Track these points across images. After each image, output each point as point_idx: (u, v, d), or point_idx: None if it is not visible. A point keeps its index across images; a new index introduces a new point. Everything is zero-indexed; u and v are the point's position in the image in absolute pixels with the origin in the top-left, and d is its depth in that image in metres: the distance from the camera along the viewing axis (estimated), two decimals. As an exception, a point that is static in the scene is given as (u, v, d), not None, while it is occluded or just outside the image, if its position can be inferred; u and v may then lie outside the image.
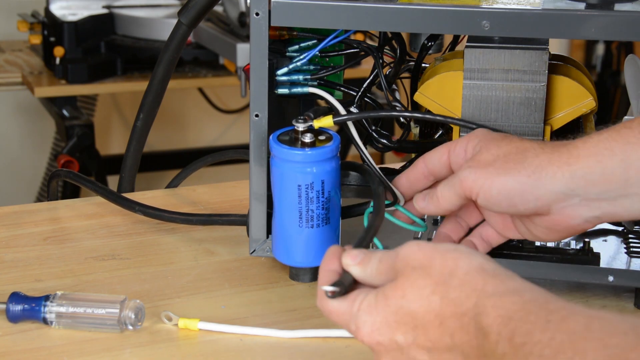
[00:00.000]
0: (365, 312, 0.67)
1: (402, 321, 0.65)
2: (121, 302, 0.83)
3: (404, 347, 0.65)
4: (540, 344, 0.56)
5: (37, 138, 2.83)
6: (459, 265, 0.64)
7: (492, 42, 0.90)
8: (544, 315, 0.58)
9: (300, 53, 0.95)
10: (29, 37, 2.30)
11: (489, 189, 0.79)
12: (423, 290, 0.64)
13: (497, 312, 0.60)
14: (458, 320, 0.62)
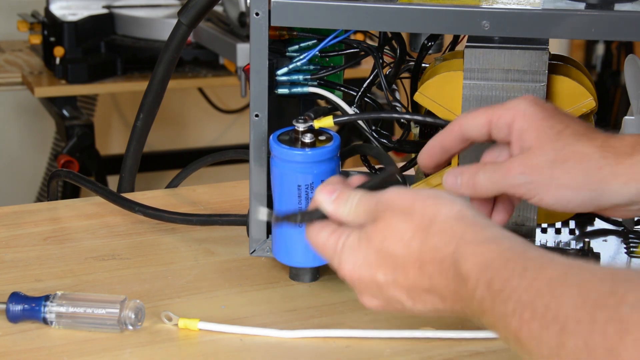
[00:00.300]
0: (348, 250, 0.69)
1: (383, 261, 0.67)
2: (121, 302, 0.83)
3: (384, 286, 0.67)
4: (518, 290, 0.57)
5: (37, 138, 2.83)
6: (440, 211, 0.66)
7: (492, 42, 0.90)
8: (522, 263, 0.59)
9: (300, 53, 0.95)
10: (29, 37, 2.30)
11: (545, 199, 0.76)
12: (404, 234, 0.66)
13: (476, 259, 0.61)
14: (437, 265, 0.64)
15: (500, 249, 0.61)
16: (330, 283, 0.94)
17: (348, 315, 0.88)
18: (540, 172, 0.75)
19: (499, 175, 0.77)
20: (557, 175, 0.75)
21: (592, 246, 0.93)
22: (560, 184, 0.74)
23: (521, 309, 0.56)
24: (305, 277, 0.94)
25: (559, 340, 0.53)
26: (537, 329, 0.55)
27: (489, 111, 0.78)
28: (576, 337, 0.52)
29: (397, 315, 0.88)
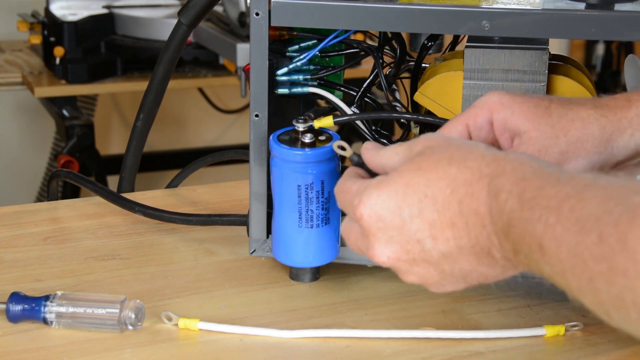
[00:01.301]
0: (374, 187, 0.67)
1: (411, 192, 0.65)
2: (121, 302, 0.83)
3: (406, 223, 0.65)
4: (548, 197, 0.58)
5: (37, 138, 2.83)
6: (478, 144, 0.66)
7: (492, 42, 0.90)
8: (556, 175, 0.59)
9: (300, 53, 0.95)
10: (29, 37, 2.30)
11: None
12: (440, 162, 0.65)
13: (515, 173, 0.61)
14: (472, 186, 0.63)
15: (539, 165, 0.61)
16: (330, 283, 0.94)
17: (348, 315, 0.88)
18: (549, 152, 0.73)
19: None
20: (565, 149, 0.73)
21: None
22: (571, 156, 0.73)
23: (547, 214, 0.57)
24: (305, 277, 0.94)
25: (577, 239, 0.54)
26: (560, 231, 0.56)
27: (462, 117, 0.76)
28: (593, 232, 0.53)
29: (397, 316, 0.88)
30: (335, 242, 0.90)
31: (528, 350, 0.83)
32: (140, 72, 2.27)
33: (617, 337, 0.85)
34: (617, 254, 0.51)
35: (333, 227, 0.89)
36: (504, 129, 0.75)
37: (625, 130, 0.73)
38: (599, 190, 0.56)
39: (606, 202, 0.54)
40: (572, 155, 0.73)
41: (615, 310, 0.52)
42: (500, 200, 0.61)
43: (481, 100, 0.76)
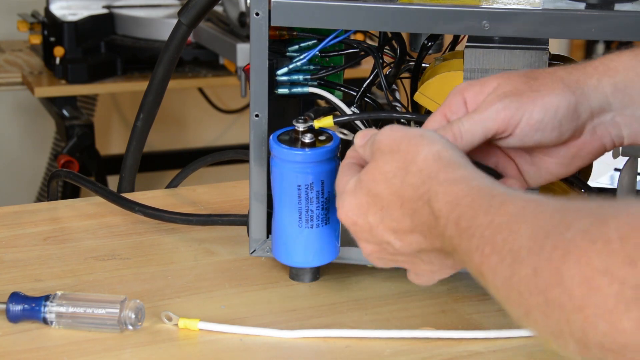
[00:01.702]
0: (348, 194, 0.73)
1: (372, 202, 0.71)
2: (121, 302, 0.83)
3: (374, 228, 0.71)
4: (482, 227, 0.60)
5: (37, 138, 2.83)
6: (420, 151, 0.69)
7: (492, 42, 0.90)
8: (487, 201, 0.61)
9: (300, 53, 0.95)
10: (29, 37, 2.30)
11: (533, 115, 0.73)
12: (387, 173, 0.70)
13: (446, 198, 0.64)
14: (414, 203, 0.67)
15: (468, 187, 0.64)
16: (330, 283, 0.94)
17: (348, 315, 0.88)
18: (520, 91, 0.73)
19: (480, 112, 0.74)
20: (536, 88, 0.73)
21: (592, 246, 0.93)
22: (544, 93, 0.73)
23: (483, 245, 0.59)
24: (305, 277, 0.94)
25: (512, 270, 0.56)
26: (495, 262, 0.58)
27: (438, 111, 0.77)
28: (526, 265, 0.55)
29: (397, 316, 0.88)
30: (335, 242, 0.90)
31: (528, 350, 0.83)
32: (140, 72, 2.27)
33: (617, 337, 0.85)
34: (553, 287, 0.52)
35: (333, 227, 0.89)
36: (476, 100, 0.75)
37: (592, 75, 0.74)
38: (528, 222, 0.57)
39: (537, 236, 0.55)
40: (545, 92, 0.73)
41: (554, 339, 0.54)
42: (441, 225, 0.65)
43: (451, 92, 0.78)
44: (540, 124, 0.73)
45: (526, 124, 0.73)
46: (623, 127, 0.76)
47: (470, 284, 0.94)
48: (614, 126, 0.76)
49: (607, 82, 0.74)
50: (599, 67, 0.75)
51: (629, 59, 0.75)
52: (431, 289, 0.93)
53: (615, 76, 0.74)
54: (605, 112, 0.75)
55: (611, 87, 0.74)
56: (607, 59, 0.75)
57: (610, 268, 0.49)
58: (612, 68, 0.74)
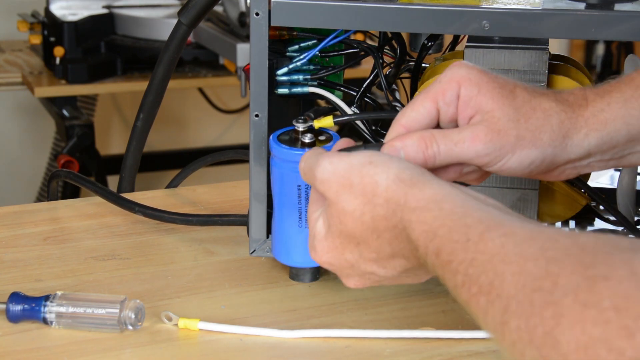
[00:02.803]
0: (318, 238, 0.72)
1: (345, 242, 0.70)
2: (121, 302, 0.83)
3: (354, 264, 0.70)
4: (464, 264, 0.59)
5: (37, 138, 2.83)
6: (378, 181, 0.67)
7: (492, 42, 0.90)
8: (464, 234, 0.60)
9: (300, 53, 0.95)
10: (29, 37, 2.30)
11: (509, 163, 0.73)
12: (354, 212, 0.68)
13: (422, 227, 0.63)
14: (391, 231, 0.66)
15: (441, 213, 0.63)
16: (330, 283, 0.94)
17: (348, 315, 0.88)
18: (507, 135, 0.72)
19: (461, 147, 0.72)
20: (523, 135, 0.72)
21: (592, 246, 0.93)
22: (526, 144, 0.73)
23: (469, 283, 0.58)
24: (305, 277, 0.94)
25: (503, 319, 0.55)
26: (484, 303, 0.57)
27: (430, 93, 0.74)
28: (518, 318, 0.54)
29: (397, 316, 0.88)
30: (335, 242, 0.90)
31: (528, 350, 0.83)
32: (140, 72, 2.27)
33: (617, 337, 0.85)
34: (548, 348, 0.51)
35: (333, 227, 0.89)
36: (467, 105, 0.74)
37: (581, 129, 0.73)
38: (512, 266, 0.56)
39: (525, 286, 0.54)
40: (527, 142, 0.72)
41: None
42: (421, 254, 0.64)
43: (448, 75, 0.74)
44: (512, 171, 0.74)
45: (499, 168, 0.74)
46: (596, 168, 0.76)
47: (470, 284, 0.94)
48: (588, 167, 0.76)
49: (594, 136, 0.74)
50: (589, 119, 0.73)
51: (619, 107, 0.73)
52: (431, 288, 0.93)
53: (603, 130, 0.73)
54: (583, 160, 0.75)
55: (597, 140, 0.74)
56: (598, 109, 0.74)
57: (607, 338, 0.48)
58: (601, 121, 0.73)
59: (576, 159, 0.75)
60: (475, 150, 0.72)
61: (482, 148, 0.72)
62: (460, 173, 0.77)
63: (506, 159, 0.73)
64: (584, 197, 0.95)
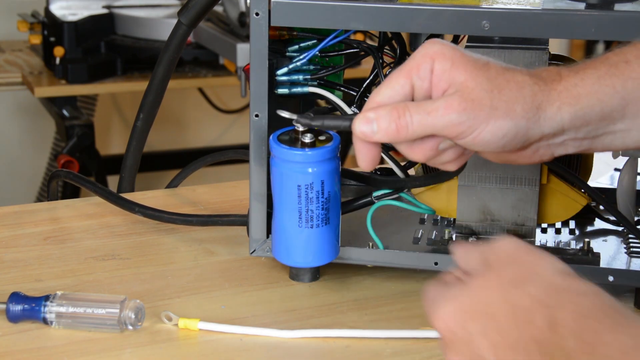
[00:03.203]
0: (448, 299, 0.67)
1: (477, 308, 0.65)
2: (121, 302, 0.83)
3: (473, 340, 0.65)
4: (607, 346, 0.57)
5: (37, 138, 2.82)
6: (543, 265, 0.65)
7: (492, 42, 0.90)
8: (615, 318, 0.59)
9: (300, 53, 0.95)
10: (29, 37, 2.30)
11: (482, 134, 0.73)
12: (504, 283, 0.64)
13: (574, 308, 0.60)
14: (530, 313, 0.62)
15: (600, 301, 0.61)
16: (330, 283, 0.94)
17: (348, 315, 0.88)
18: (481, 104, 0.72)
19: (434, 116, 0.72)
20: (496, 105, 0.72)
21: (592, 246, 0.93)
22: (499, 114, 0.72)
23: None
24: (305, 277, 0.94)
25: None
26: None
27: (404, 69, 0.74)
28: None
29: (397, 316, 0.88)
30: (335, 242, 0.90)
31: (528, 350, 0.83)
32: (140, 72, 2.27)
33: (617, 337, 0.85)
34: None
35: (333, 227, 0.89)
36: (440, 79, 0.74)
37: (554, 102, 0.73)
38: None
39: None
40: (501, 113, 0.72)
41: None
42: (560, 335, 0.60)
43: (422, 50, 0.74)
44: (485, 142, 0.73)
45: (472, 140, 0.73)
46: (571, 148, 0.76)
47: (470, 284, 0.94)
48: (562, 147, 0.75)
49: (567, 110, 0.73)
50: (562, 93, 0.73)
51: (592, 83, 0.73)
52: (431, 289, 0.93)
53: (577, 104, 0.73)
54: (557, 137, 0.75)
55: (570, 115, 0.73)
56: (572, 84, 0.73)
57: None
58: (574, 95, 0.73)
59: (550, 134, 0.74)
60: (449, 119, 0.72)
61: (456, 117, 0.72)
62: (437, 150, 0.76)
63: (480, 130, 0.72)
64: (584, 197, 0.95)
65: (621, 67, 0.74)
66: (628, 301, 0.91)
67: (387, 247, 0.93)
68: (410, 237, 0.97)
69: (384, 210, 0.96)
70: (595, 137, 0.75)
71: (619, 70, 0.74)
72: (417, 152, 0.75)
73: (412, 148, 0.75)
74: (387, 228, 0.98)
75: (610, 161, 1.09)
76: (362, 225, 0.94)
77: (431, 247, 0.95)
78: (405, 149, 0.76)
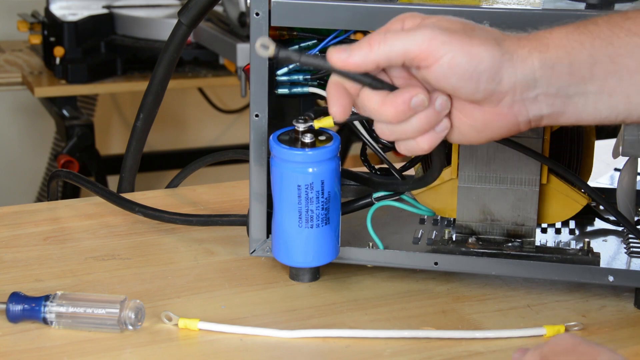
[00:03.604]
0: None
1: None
2: (121, 302, 0.83)
3: None
4: None
5: (37, 138, 2.83)
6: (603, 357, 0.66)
7: (492, 42, 0.90)
8: None
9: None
10: (29, 37, 2.30)
11: (456, 57, 0.72)
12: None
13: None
14: None
15: None
16: (330, 283, 0.94)
17: (348, 315, 0.88)
18: (455, 31, 0.72)
19: (408, 34, 0.73)
20: (470, 34, 0.73)
21: (592, 246, 0.93)
22: (474, 42, 0.72)
23: None
24: (305, 277, 0.94)
25: None
26: None
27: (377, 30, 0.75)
28: None
29: (397, 316, 0.88)
30: (335, 242, 0.90)
31: (528, 350, 0.83)
32: (140, 72, 2.27)
33: (617, 337, 0.85)
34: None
35: (333, 227, 0.89)
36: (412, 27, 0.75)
37: (524, 46, 0.73)
38: None
39: None
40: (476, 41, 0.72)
41: None
42: None
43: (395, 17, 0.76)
44: (458, 67, 0.72)
45: (446, 62, 0.72)
46: (545, 107, 0.75)
47: (471, 284, 0.94)
48: (535, 104, 0.74)
49: (537, 57, 0.73)
50: (531, 40, 0.74)
51: (560, 37, 0.74)
52: (431, 288, 0.93)
53: (546, 52, 0.73)
54: (530, 89, 0.74)
55: (540, 62, 0.73)
56: (540, 35, 0.74)
57: None
58: (544, 44, 0.73)
59: (522, 82, 0.73)
60: (421, 35, 0.72)
61: (429, 32, 0.72)
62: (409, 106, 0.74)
63: (454, 52, 0.72)
64: (584, 197, 0.95)
65: (590, 27, 0.74)
66: (628, 301, 0.91)
67: (387, 247, 0.93)
68: (410, 237, 0.97)
69: (384, 210, 0.96)
70: (567, 96, 0.74)
71: (588, 30, 0.74)
72: (389, 106, 0.74)
73: (384, 102, 0.74)
74: (387, 228, 0.98)
75: (610, 161, 1.09)
76: (362, 225, 0.94)
77: (431, 247, 0.95)
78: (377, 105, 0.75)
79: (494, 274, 0.91)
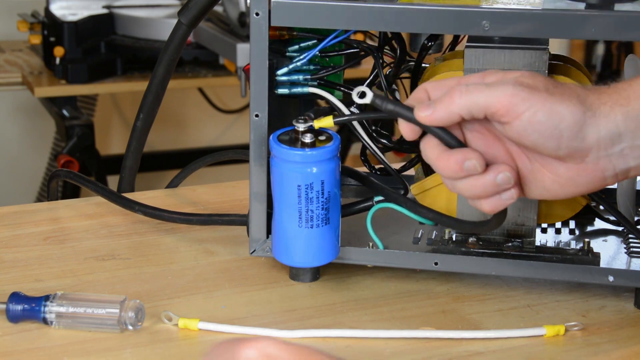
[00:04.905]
0: None
1: None
2: (121, 302, 0.83)
3: None
4: None
5: (37, 138, 2.82)
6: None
7: (492, 42, 0.90)
8: None
9: (300, 53, 0.95)
10: (29, 37, 2.30)
11: (537, 114, 0.72)
12: None
13: None
14: None
15: None
16: (330, 283, 0.94)
17: (348, 315, 0.88)
18: (537, 88, 0.73)
19: (489, 88, 0.74)
20: (552, 91, 0.73)
21: (592, 246, 0.93)
22: (556, 100, 0.72)
23: None
24: (305, 277, 0.94)
25: None
26: None
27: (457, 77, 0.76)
28: None
29: (397, 316, 0.88)
30: (335, 242, 0.90)
31: (528, 350, 0.83)
32: (140, 72, 2.27)
33: (617, 337, 0.86)
34: None
35: (333, 227, 0.89)
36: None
37: (606, 102, 0.74)
38: None
39: None
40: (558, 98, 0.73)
41: None
42: None
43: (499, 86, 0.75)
44: (539, 125, 0.73)
45: (527, 119, 0.73)
46: (631, 159, 0.75)
47: (470, 284, 0.94)
48: (621, 158, 0.75)
49: (619, 111, 0.73)
50: (612, 95, 0.74)
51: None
52: (431, 289, 0.93)
53: (628, 105, 0.73)
54: (615, 144, 0.74)
55: (623, 115, 0.73)
56: (620, 88, 0.74)
57: None
58: (624, 97, 0.74)
59: (606, 138, 0.73)
60: (503, 89, 0.73)
61: (512, 88, 0.73)
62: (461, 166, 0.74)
63: (535, 108, 0.72)
64: (584, 197, 0.95)
65: None
66: (628, 301, 0.91)
67: (387, 247, 0.93)
68: (410, 237, 0.97)
69: (384, 210, 0.96)
70: None
71: None
72: (444, 161, 0.75)
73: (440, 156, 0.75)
74: (387, 228, 0.98)
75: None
76: (362, 225, 0.94)
77: (431, 247, 0.95)
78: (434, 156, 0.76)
79: (494, 274, 0.92)
